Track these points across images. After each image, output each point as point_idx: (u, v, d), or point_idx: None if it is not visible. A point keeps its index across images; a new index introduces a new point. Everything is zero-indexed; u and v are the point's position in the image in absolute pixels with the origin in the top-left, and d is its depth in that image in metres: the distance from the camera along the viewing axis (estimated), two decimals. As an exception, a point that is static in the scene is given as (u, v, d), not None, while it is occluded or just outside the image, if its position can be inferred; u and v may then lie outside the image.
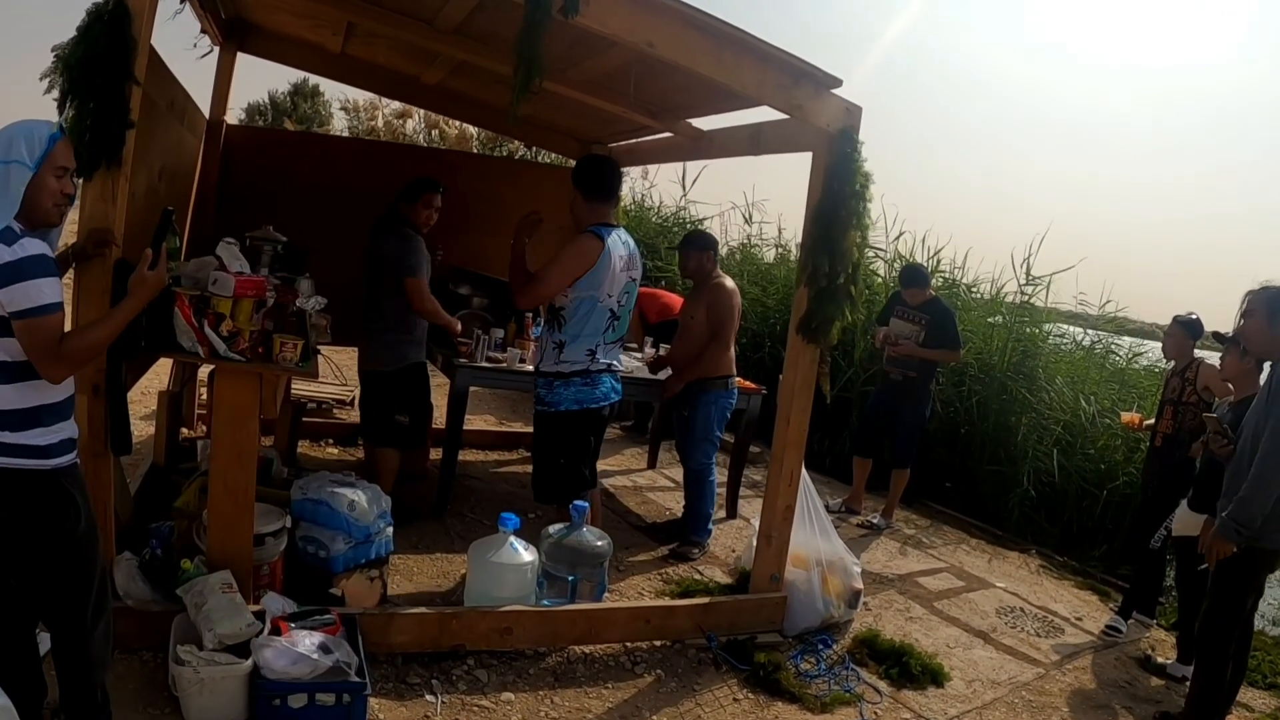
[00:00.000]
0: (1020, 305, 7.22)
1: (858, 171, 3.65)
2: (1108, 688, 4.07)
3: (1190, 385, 4.65)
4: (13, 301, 2.04)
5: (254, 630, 2.88)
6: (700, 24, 3.21)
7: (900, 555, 5.34)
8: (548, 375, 3.77)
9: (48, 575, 2.27)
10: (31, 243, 2.07)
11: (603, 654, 3.58)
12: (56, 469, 2.21)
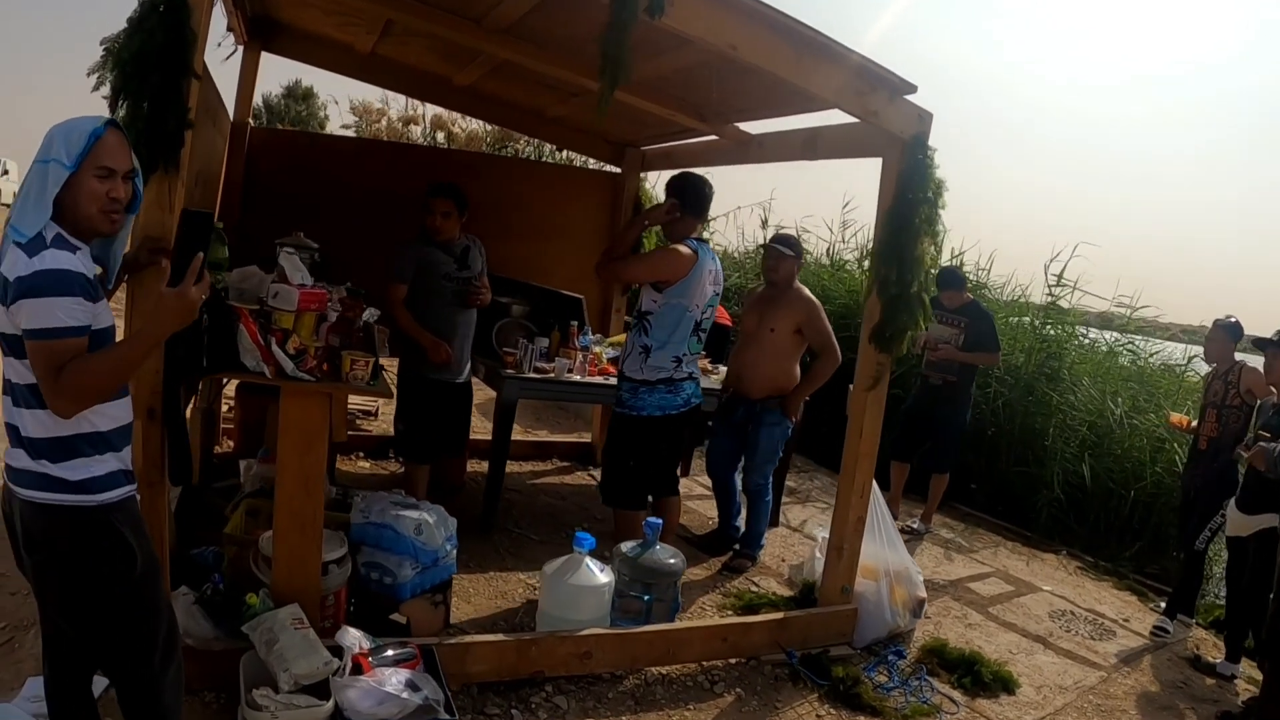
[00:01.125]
0: (1047, 307, 7.24)
1: (931, 178, 3.61)
2: (1167, 689, 4.08)
3: (1233, 388, 4.68)
4: (22, 319, 1.81)
5: (331, 668, 2.71)
6: (783, 27, 3.14)
7: (947, 560, 5.32)
8: (633, 381, 3.82)
9: (105, 623, 2.03)
10: (57, 255, 1.83)
11: (680, 674, 3.49)
12: (104, 505, 1.96)
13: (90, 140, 1.90)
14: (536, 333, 4.73)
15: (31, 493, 1.90)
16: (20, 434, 1.91)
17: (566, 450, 6.23)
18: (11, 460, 1.93)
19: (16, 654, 3.01)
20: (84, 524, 1.94)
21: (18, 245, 1.83)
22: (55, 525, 1.92)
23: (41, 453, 1.90)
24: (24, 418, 1.91)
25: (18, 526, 1.96)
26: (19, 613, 3.26)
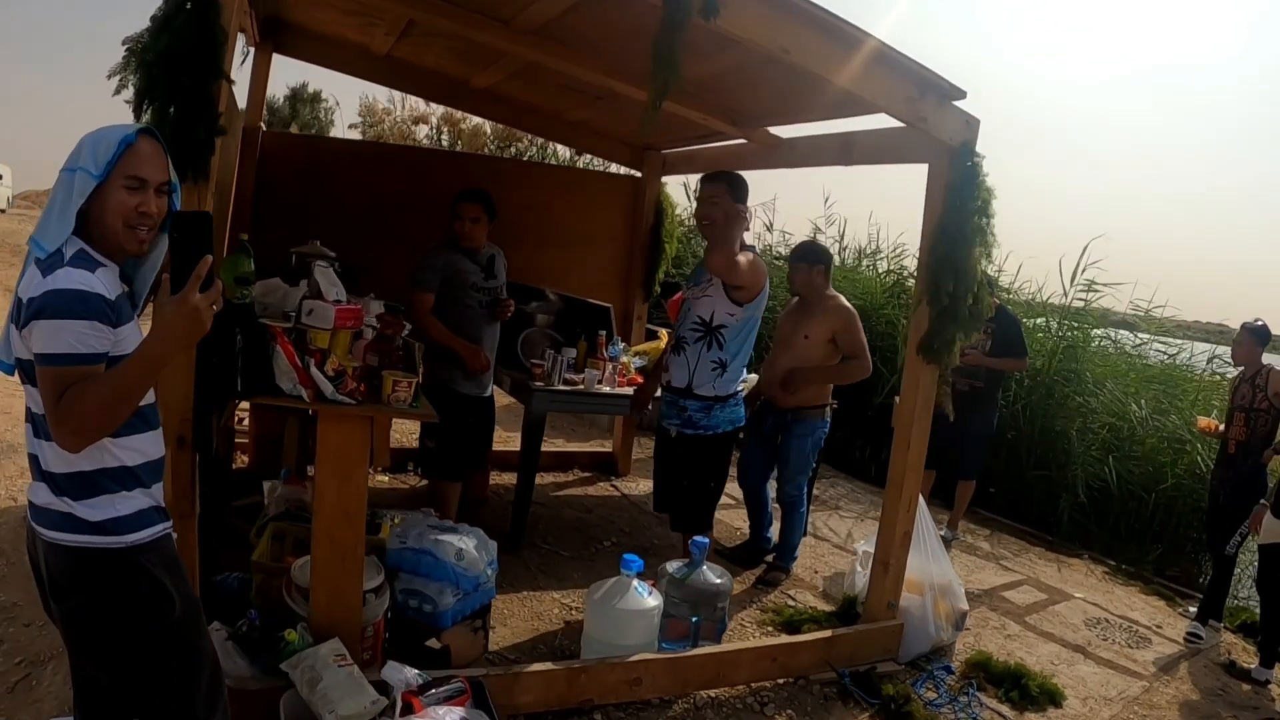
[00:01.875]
0: (1065, 308, 7.22)
1: (981, 186, 3.53)
2: (1207, 696, 4.06)
3: (1261, 391, 4.67)
4: (31, 343, 1.66)
5: (378, 708, 2.57)
6: (836, 31, 3.06)
7: (979, 569, 5.26)
8: (706, 398, 3.74)
9: (143, 672, 1.85)
10: (71, 274, 1.65)
11: (729, 697, 3.40)
12: (134, 547, 1.79)
13: (121, 147, 1.73)
14: (563, 343, 4.60)
15: (55, 534, 1.75)
16: (40, 467, 1.78)
17: (588, 461, 6.12)
18: (34, 496, 1.80)
19: (35, 692, 2.87)
20: (113, 568, 1.78)
21: (37, 262, 1.70)
22: (82, 570, 1.76)
23: (63, 489, 1.75)
24: (44, 450, 1.76)
25: (43, 569, 1.80)
26: (34, 646, 3.13)
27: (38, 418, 1.75)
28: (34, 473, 1.81)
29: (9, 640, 3.17)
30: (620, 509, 5.42)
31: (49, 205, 1.75)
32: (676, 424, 3.83)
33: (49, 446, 1.74)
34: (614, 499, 5.60)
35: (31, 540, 1.83)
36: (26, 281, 1.69)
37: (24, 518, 1.89)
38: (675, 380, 3.81)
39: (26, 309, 1.65)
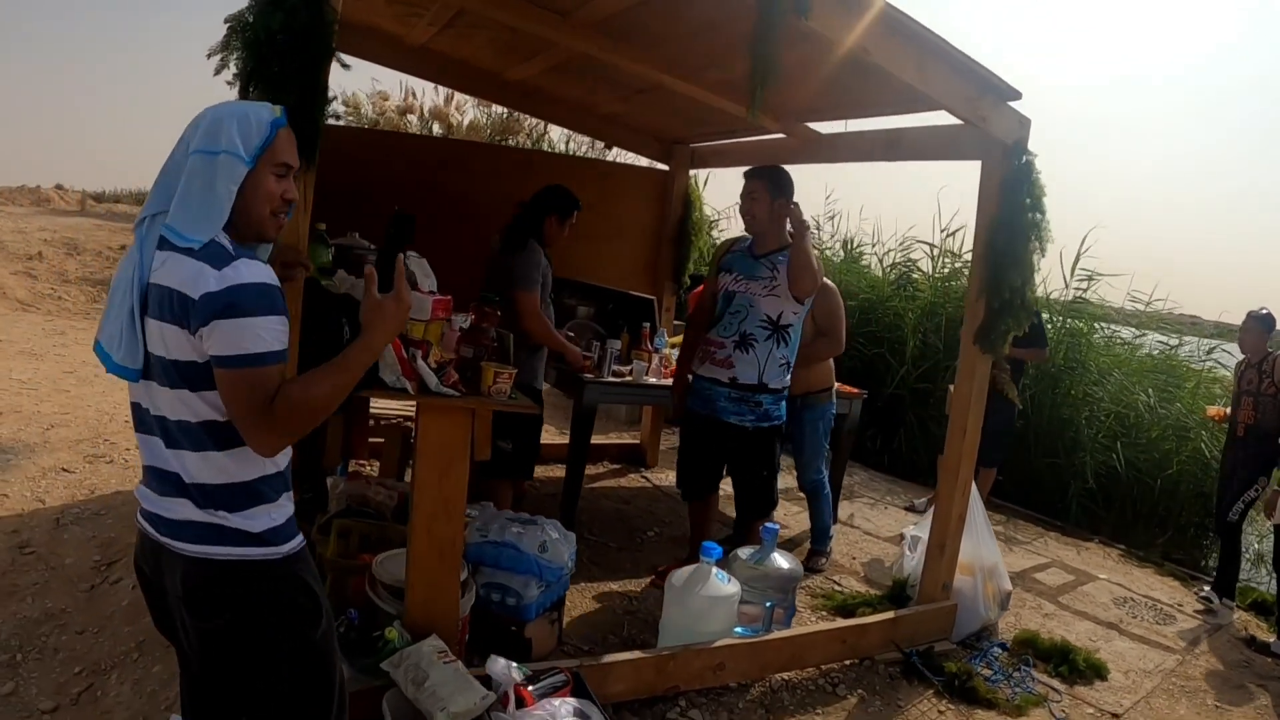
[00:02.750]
0: (1071, 302, 7.44)
1: (1036, 183, 3.65)
2: (1234, 669, 4.26)
3: (1268, 377, 4.90)
4: (217, 344, 1.54)
5: (488, 703, 2.55)
6: (909, 33, 3.15)
7: (1005, 554, 5.40)
8: (776, 392, 3.82)
9: (285, 688, 1.73)
10: (251, 266, 1.58)
11: (801, 679, 3.49)
12: (289, 556, 1.72)
13: (272, 132, 1.66)
14: (607, 335, 4.64)
15: (201, 548, 1.63)
16: (183, 481, 1.64)
17: (617, 452, 6.18)
18: (165, 511, 1.66)
19: (102, 703, 2.82)
20: (271, 580, 1.69)
21: (189, 254, 1.56)
22: (236, 584, 1.65)
23: (217, 501, 1.64)
24: (189, 461, 1.63)
25: (175, 585, 1.66)
26: (92, 654, 3.07)
27: (189, 427, 1.63)
28: (162, 488, 1.67)
29: (64, 649, 3.12)
30: (656, 500, 5.48)
31: (185, 190, 1.60)
32: (751, 419, 3.79)
33: (198, 457, 1.63)
34: (648, 490, 5.67)
35: (153, 557, 1.71)
36: (187, 276, 1.54)
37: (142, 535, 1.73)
38: (743, 377, 3.76)
39: (203, 307, 1.52)
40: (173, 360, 1.59)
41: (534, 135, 9.96)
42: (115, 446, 5.19)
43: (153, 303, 1.59)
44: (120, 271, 1.65)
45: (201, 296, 1.53)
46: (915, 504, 6.15)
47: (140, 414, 1.71)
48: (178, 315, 1.56)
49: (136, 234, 1.64)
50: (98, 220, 14.78)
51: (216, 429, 1.63)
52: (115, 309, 1.63)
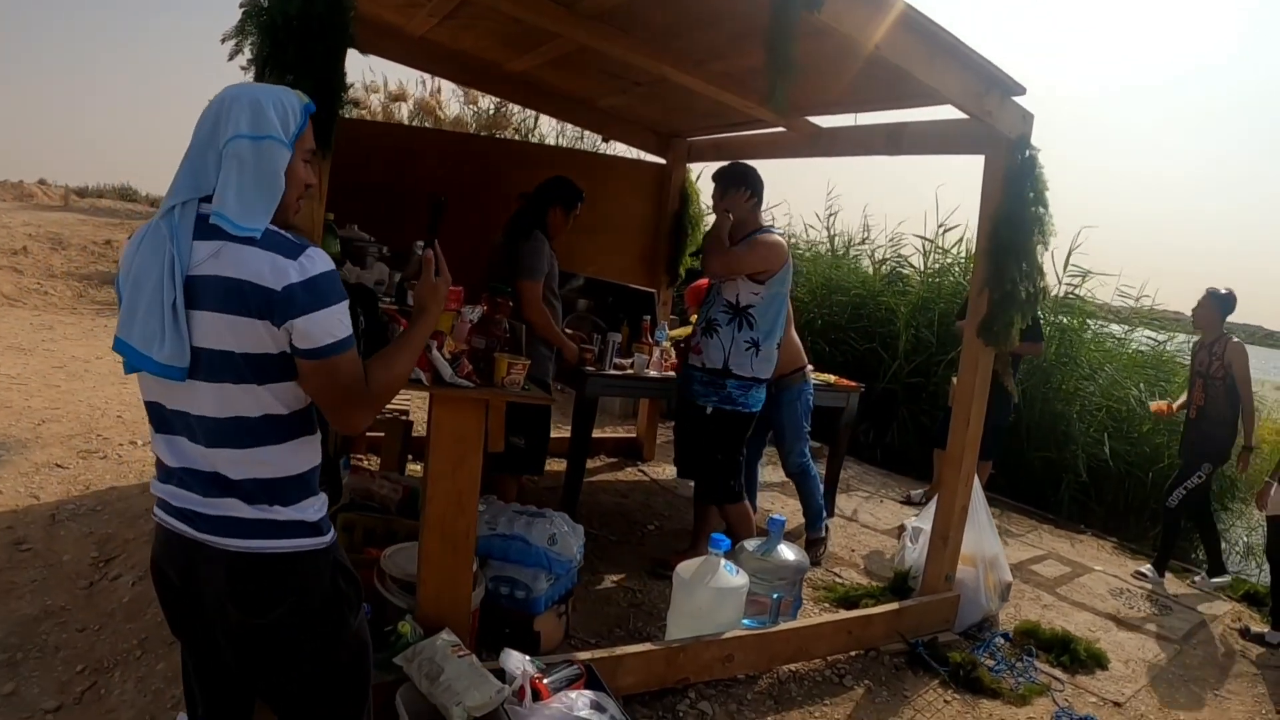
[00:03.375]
0: (1063, 298, 7.51)
1: (1039, 177, 3.67)
2: (1233, 658, 4.31)
3: (1218, 360, 4.96)
4: (308, 336, 1.55)
5: (504, 697, 2.53)
6: (919, 28, 3.16)
7: (1004, 545, 5.44)
8: (745, 379, 3.86)
9: (334, 675, 1.77)
10: (319, 254, 1.58)
11: (808, 671, 3.51)
12: (333, 543, 1.74)
13: (305, 118, 1.66)
14: (607, 328, 4.64)
15: (257, 542, 1.62)
16: (227, 479, 1.61)
17: (613, 446, 6.18)
18: (208, 509, 1.62)
19: (106, 701, 2.79)
20: (322, 568, 1.70)
21: (251, 244, 1.53)
22: (291, 574, 1.66)
23: (272, 496, 1.63)
24: (236, 458, 1.61)
25: (217, 584, 1.63)
26: (94, 652, 3.03)
27: (246, 422, 1.60)
28: (201, 487, 1.62)
29: (65, 647, 3.08)
30: (654, 493, 5.49)
31: (236, 177, 1.56)
32: (714, 400, 3.91)
33: (244, 454, 1.61)
34: (645, 484, 5.68)
35: (184, 557, 1.66)
36: (265, 268, 1.52)
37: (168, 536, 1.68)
38: (710, 361, 3.90)
39: (288, 299, 1.52)
40: (242, 354, 1.56)
41: (523, 129, 9.95)
42: (108, 442, 5.14)
43: (207, 295, 1.53)
44: (143, 265, 1.55)
45: (285, 289, 1.52)
46: (911, 496, 6.19)
47: (161, 414, 1.63)
48: (253, 308, 1.53)
49: (165, 224, 1.55)
50: (82, 215, 14.67)
51: (276, 423, 1.63)
52: (146, 305, 1.53)
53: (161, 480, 1.68)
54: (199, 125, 1.60)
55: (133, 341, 1.55)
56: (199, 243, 1.54)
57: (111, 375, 6.88)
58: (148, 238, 1.57)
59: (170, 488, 1.66)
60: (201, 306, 1.53)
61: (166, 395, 1.61)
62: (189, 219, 1.55)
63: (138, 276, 1.55)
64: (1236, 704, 3.83)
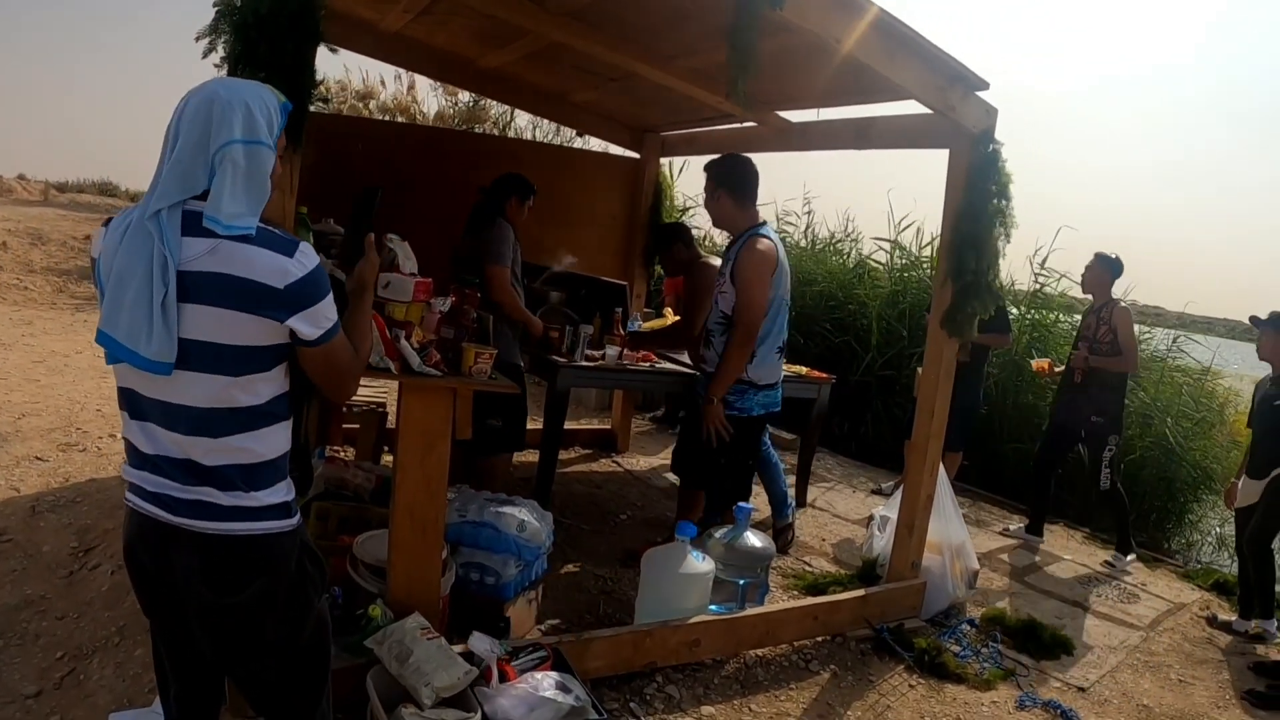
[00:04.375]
0: (1034, 293, 7.61)
1: (1000, 171, 3.74)
2: (1199, 645, 4.39)
3: (1106, 324, 5.04)
4: (316, 325, 1.66)
5: (471, 678, 2.60)
6: (881, 24, 3.21)
7: (972, 535, 5.51)
8: (742, 382, 3.79)
9: (304, 655, 1.86)
10: (309, 249, 1.67)
11: (775, 656, 3.58)
12: (300, 526, 1.81)
13: (284, 118, 1.72)
14: (579, 320, 4.68)
15: (230, 525, 1.68)
16: (201, 466, 1.66)
17: (588, 438, 6.24)
18: (183, 494, 1.67)
19: (85, 686, 2.83)
20: (290, 549, 1.77)
21: (247, 241, 1.59)
22: (262, 555, 1.72)
23: (249, 481, 1.69)
24: (213, 446, 1.65)
25: (190, 567, 1.68)
26: (73, 639, 3.08)
27: (243, 412, 1.67)
28: (176, 474, 1.67)
29: (45, 635, 3.11)
30: (628, 484, 5.55)
31: (231, 179, 1.60)
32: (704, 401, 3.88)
33: (221, 442, 1.66)
34: (619, 475, 5.74)
35: (157, 541, 1.70)
36: (256, 265, 1.59)
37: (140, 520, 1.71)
38: (711, 368, 3.87)
39: (291, 295, 1.61)
40: (231, 346, 1.61)
41: (500, 123, 10.00)
42: (88, 435, 5.17)
43: (202, 290, 1.57)
44: (127, 262, 1.56)
45: (287, 286, 1.61)
46: (882, 488, 6.25)
47: (135, 401, 1.67)
48: (251, 303, 1.59)
49: (153, 224, 1.57)
50: (61, 210, 14.61)
51: (254, 411, 1.69)
52: (132, 300, 1.55)
53: (134, 466, 1.71)
54: (186, 125, 1.61)
55: (117, 335, 1.57)
56: (190, 239, 1.58)
57: (91, 369, 6.89)
58: (130, 235, 1.58)
59: (143, 473, 1.69)
60: (195, 300, 1.58)
61: (143, 383, 1.64)
62: (176, 218, 1.58)
63: (121, 273, 1.57)
64: (1200, 689, 3.90)
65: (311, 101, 2.53)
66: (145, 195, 1.64)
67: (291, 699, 1.91)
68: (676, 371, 4.63)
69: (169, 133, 1.63)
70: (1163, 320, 8.43)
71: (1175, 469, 6.76)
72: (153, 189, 1.61)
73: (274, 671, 1.84)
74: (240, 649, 1.79)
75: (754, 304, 3.67)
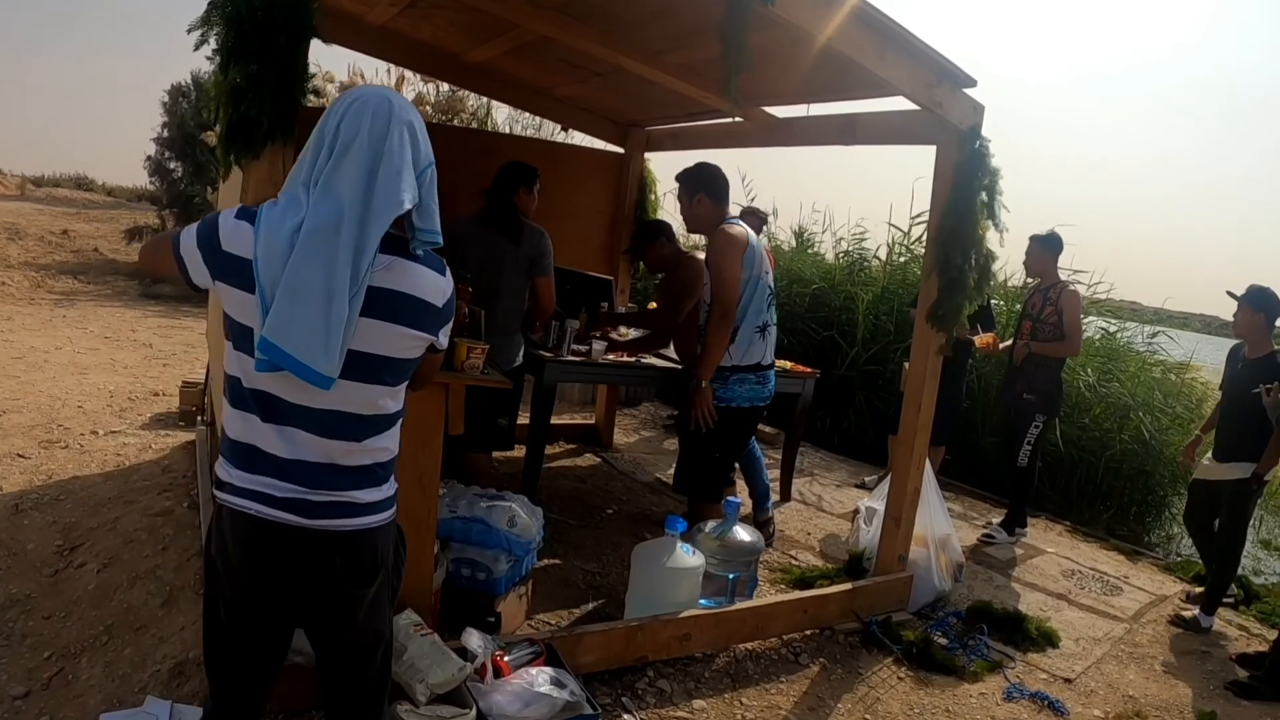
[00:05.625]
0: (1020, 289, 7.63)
1: (988, 167, 3.76)
2: (1181, 636, 4.42)
3: (1052, 305, 5.05)
4: (447, 336, 1.84)
5: (465, 674, 2.61)
6: (871, 21, 3.23)
7: (958, 528, 5.56)
8: (721, 368, 3.76)
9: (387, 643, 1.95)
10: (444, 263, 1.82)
11: (764, 649, 3.59)
12: None
13: None
14: (565, 315, 4.67)
15: (382, 516, 1.78)
16: (348, 466, 1.71)
17: (573, 433, 6.25)
18: (324, 496, 1.69)
19: (74, 686, 2.80)
20: (396, 534, 1.91)
21: (415, 259, 1.71)
22: (389, 544, 1.84)
23: (378, 477, 1.76)
24: (352, 449, 1.70)
25: (328, 565, 1.72)
26: (60, 639, 3.05)
27: (386, 416, 1.74)
28: (325, 477, 1.68)
29: (31, 634, 3.08)
30: (613, 479, 5.57)
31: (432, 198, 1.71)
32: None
33: (359, 445, 1.70)
34: (604, 469, 5.75)
35: (288, 546, 1.69)
36: (421, 283, 1.70)
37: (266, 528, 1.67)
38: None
39: (446, 312, 1.77)
40: (393, 358, 1.70)
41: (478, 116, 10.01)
42: (69, 432, 5.12)
43: (375, 305, 1.63)
44: (307, 274, 1.54)
45: (444, 304, 1.76)
46: (866, 482, 6.29)
47: (274, 405, 1.64)
48: (417, 319, 1.70)
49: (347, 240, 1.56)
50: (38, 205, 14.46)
51: (392, 415, 1.77)
52: (307, 315, 1.54)
53: (255, 471, 1.67)
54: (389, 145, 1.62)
55: (286, 346, 1.54)
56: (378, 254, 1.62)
57: (71, 365, 6.83)
58: (313, 245, 1.55)
59: (269, 479, 1.66)
60: (369, 315, 1.62)
61: (291, 390, 1.63)
62: (379, 237, 1.60)
63: (295, 284, 1.54)
64: (1185, 680, 3.93)
65: (305, 94, 2.51)
66: (305, 196, 1.61)
67: (380, 693, 1.95)
68: (663, 367, 4.64)
69: (334, 137, 1.62)
70: (1139, 315, 8.51)
71: (1154, 463, 6.83)
72: (326, 196, 1.59)
73: (379, 663, 1.92)
74: (364, 642, 1.86)
75: (726, 281, 3.68)
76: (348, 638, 1.84)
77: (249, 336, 1.59)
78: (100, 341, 8.28)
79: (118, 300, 10.86)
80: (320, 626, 1.83)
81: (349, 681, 1.90)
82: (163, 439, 5.20)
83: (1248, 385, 4.29)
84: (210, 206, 9.89)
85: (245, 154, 2.41)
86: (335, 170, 1.59)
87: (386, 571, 1.83)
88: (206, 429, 4.70)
